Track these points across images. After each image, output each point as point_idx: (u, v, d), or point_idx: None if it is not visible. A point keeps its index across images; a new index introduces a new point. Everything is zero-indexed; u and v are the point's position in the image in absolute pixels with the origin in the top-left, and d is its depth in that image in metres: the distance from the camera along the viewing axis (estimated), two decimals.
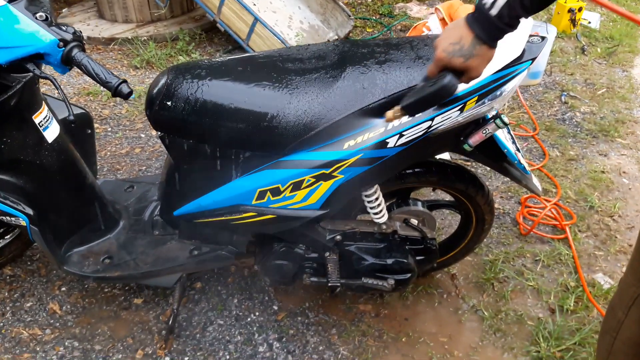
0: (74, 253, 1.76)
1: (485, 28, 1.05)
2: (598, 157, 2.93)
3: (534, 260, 2.24)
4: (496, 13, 1.02)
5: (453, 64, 1.09)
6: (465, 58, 1.07)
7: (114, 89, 1.25)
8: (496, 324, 1.96)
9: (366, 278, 1.72)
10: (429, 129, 1.39)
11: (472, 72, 1.10)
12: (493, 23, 1.04)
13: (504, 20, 1.03)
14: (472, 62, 1.08)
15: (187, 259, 1.74)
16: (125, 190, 1.99)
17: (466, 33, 1.07)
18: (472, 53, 1.07)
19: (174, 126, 1.51)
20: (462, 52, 1.07)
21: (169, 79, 1.49)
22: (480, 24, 1.05)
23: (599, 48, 4.25)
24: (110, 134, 2.96)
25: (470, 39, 1.06)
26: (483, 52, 1.08)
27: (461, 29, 1.08)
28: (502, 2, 1.02)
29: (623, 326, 1.21)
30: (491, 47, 1.08)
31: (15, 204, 1.57)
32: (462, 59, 1.08)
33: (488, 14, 1.03)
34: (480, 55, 1.08)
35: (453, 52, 1.08)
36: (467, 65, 1.08)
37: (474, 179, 1.74)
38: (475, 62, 1.08)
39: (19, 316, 1.92)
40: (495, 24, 1.04)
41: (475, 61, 1.08)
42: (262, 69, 1.49)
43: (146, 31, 4.12)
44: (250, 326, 1.92)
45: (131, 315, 1.94)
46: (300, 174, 1.46)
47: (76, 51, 1.26)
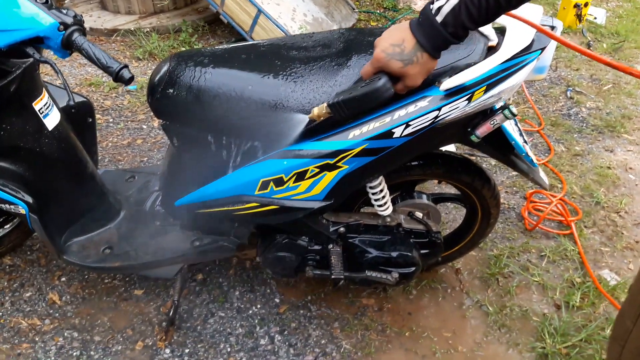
0: (73, 243, 1.74)
1: (429, 35, 0.99)
2: (604, 153, 2.90)
3: (539, 256, 2.21)
4: (441, 20, 0.97)
5: (391, 67, 1.03)
6: (405, 63, 1.02)
7: (115, 73, 1.22)
8: (501, 319, 1.93)
9: (370, 271, 1.70)
10: (436, 119, 1.36)
11: (409, 79, 1.04)
12: (437, 31, 0.98)
13: (448, 29, 0.97)
14: (411, 70, 1.02)
15: (188, 249, 1.72)
16: (126, 180, 1.97)
17: (409, 37, 1.01)
18: (412, 59, 1.01)
19: (176, 114, 1.49)
20: (401, 57, 1.01)
21: (172, 66, 1.47)
22: (424, 30, 1.00)
23: (605, 44, 4.21)
24: (112, 125, 2.94)
25: (413, 44, 1.01)
26: (424, 61, 1.02)
27: (404, 31, 1.02)
28: (447, 8, 0.96)
29: (631, 336, 1.17)
30: (433, 57, 1.02)
31: (14, 191, 1.54)
32: (401, 64, 1.02)
33: (433, 19, 0.98)
34: (421, 63, 1.02)
35: (392, 54, 1.02)
36: (405, 71, 1.03)
37: (481, 171, 1.71)
38: (414, 70, 1.03)
39: (18, 306, 1.90)
40: (440, 32, 0.98)
41: (414, 69, 1.03)
42: (265, 57, 1.46)
43: (149, 23, 4.09)
44: (252, 319, 1.90)
45: (131, 307, 1.91)
46: (304, 164, 1.43)
47: (77, 35, 1.23)
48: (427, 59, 1.01)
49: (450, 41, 0.99)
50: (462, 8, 0.94)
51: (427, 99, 1.34)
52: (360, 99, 1.08)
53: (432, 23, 0.98)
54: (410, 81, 1.04)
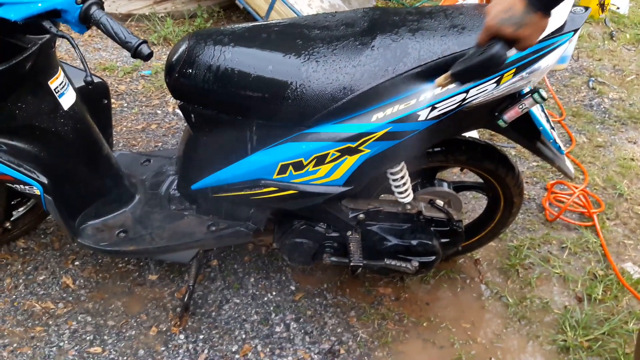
0: (88, 226, 1.72)
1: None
2: (627, 145, 2.83)
3: (560, 248, 2.16)
4: None
5: (503, 32, 1.02)
6: (516, 27, 1.00)
7: (133, 49, 1.18)
8: (521, 311, 1.89)
9: (389, 259, 1.66)
10: (463, 102, 1.31)
11: (524, 42, 1.03)
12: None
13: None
14: (524, 32, 1.01)
15: (204, 234, 1.69)
16: (141, 164, 1.94)
17: (517, 0, 0.99)
18: (523, 21, 1.00)
19: (194, 95, 1.45)
20: (512, 21, 1.00)
21: (190, 45, 1.43)
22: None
23: (628, 34, 4.11)
24: (126, 110, 2.91)
25: (522, 7, 0.99)
26: (536, 21, 1.00)
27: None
28: None
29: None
30: (545, 15, 1.00)
31: (29, 171, 1.52)
32: (513, 28, 1.00)
33: None
34: (533, 24, 1.00)
35: (503, 20, 1.01)
36: (518, 34, 1.01)
37: (504, 159, 1.66)
38: (527, 32, 1.01)
39: (32, 289, 1.88)
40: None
41: (527, 30, 1.01)
42: (287, 36, 1.42)
43: (164, 8, 4.04)
44: (267, 306, 1.87)
45: (145, 292, 1.89)
46: (324, 148, 1.39)
47: (95, 9, 1.20)
48: (540, 18, 1.00)
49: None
50: None
51: None
52: (479, 67, 1.08)
53: None
54: (525, 43, 1.04)
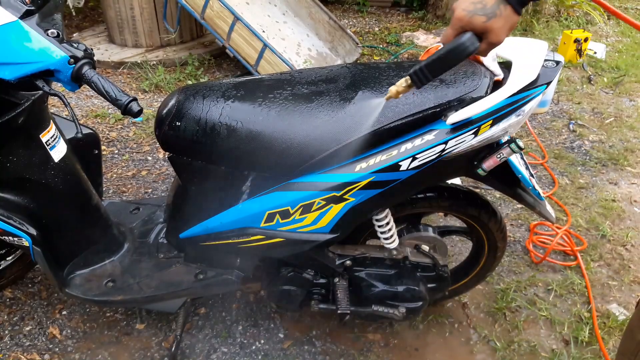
0: (76, 275, 1.72)
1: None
2: (608, 186, 2.89)
3: (546, 290, 2.18)
4: None
5: (474, 23, 1.00)
6: (488, 17, 0.99)
7: (123, 106, 1.23)
8: (509, 355, 1.89)
9: (376, 306, 1.67)
10: (443, 152, 1.36)
11: (493, 34, 1.01)
12: None
13: None
14: (495, 23, 0.99)
15: (192, 283, 1.70)
16: (131, 212, 1.96)
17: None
18: (494, 13, 0.98)
19: (183, 147, 1.49)
20: (484, 11, 0.99)
21: (179, 99, 1.48)
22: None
23: (606, 78, 4.25)
24: (117, 156, 2.95)
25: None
26: (507, 14, 0.99)
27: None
28: None
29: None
30: (516, 10, 1.00)
31: (19, 224, 1.53)
32: (484, 18, 0.99)
33: None
34: (504, 17, 0.99)
35: (475, 10, 0.99)
36: (489, 25, 0.99)
37: (487, 205, 1.70)
38: (497, 24, 0.99)
39: (18, 340, 1.87)
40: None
41: (498, 22, 0.99)
42: (272, 91, 1.47)
43: (155, 56, 4.15)
44: (256, 354, 1.86)
45: (133, 341, 1.88)
46: (310, 197, 1.43)
47: (86, 68, 1.24)
48: (510, 12, 0.99)
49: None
50: None
51: (433, 132, 1.35)
52: (445, 57, 1.03)
53: None
54: (494, 36, 1.01)
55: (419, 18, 5.53)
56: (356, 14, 5.65)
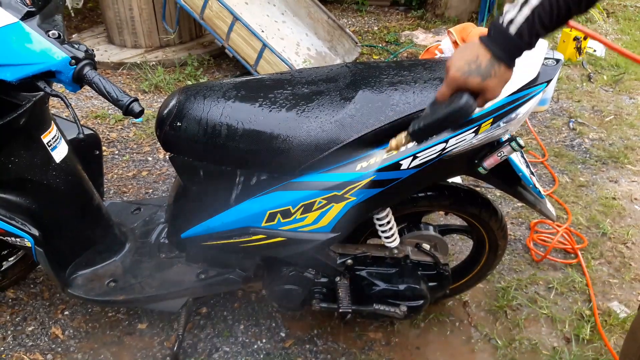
0: (78, 276, 1.73)
1: (504, 47, 1.01)
2: (608, 184, 2.90)
3: (547, 288, 2.19)
4: (515, 31, 0.99)
5: (469, 84, 1.03)
6: (483, 78, 1.02)
7: (125, 107, 1.23)
8: (510, 353, 1.90)
9: (378, 304, 1.68)
10: (443, 151, 1.36)
11: (489, 93, 1.04)
12: (512, 41, 1.00)
13: (524, 38, 0.99)
14: (490, 83, 1.03)
15: (193, 282, 1.70)
16: (132, 213, 1.96)
17: (483, 52, 1.02)
18: (490, 73, 1.01)
19: (184, 147, 1.50)
20: (479, 72, 1.02)
21: (180, 99, 1.48)
22: (498, 42, 1.01)
23: (605, 76, 4.26)
24: (118, 157, 2.95)
25: (488, 58, 1.02)
26: (501, 72, 1.03)
27: (477, 48, 1.03)
28: (521, 19, 0.98)
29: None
30: (509, 67, 1.03)
31: (21, 224, 1.54)
32: (480, 79, 1.02)
33: (507, 32, 1.00)
34: (499, 75, 1.03)
35: (470, 71, 1.02)
36: (485, 85, 1.02)
37: (488, 203, 1.70)
38: (493, 83, 1.03)
39: (20, 340, 1.87)
40: (516, 43, 1.00)
41: (493, 81, 1.03)
42: (273, 90, 1.47)
43: (155, 56, 4.15)
44: (257, 353, 1.86)
45: (135, 341, 1.89)
46: (311, 196, 1.43)
47: (88, 69, 1.25)
48: (505, 69, 1.02)
49: (525, 50, 1.02)
50: (536, 17, 0.97)
51: None
52: (444, 120, 1.06)
53: (505, 35, 1.00)
54: (490, 94, 1.04)
55: (418, 17, 5.54)
56: (355, 13, 5.65)
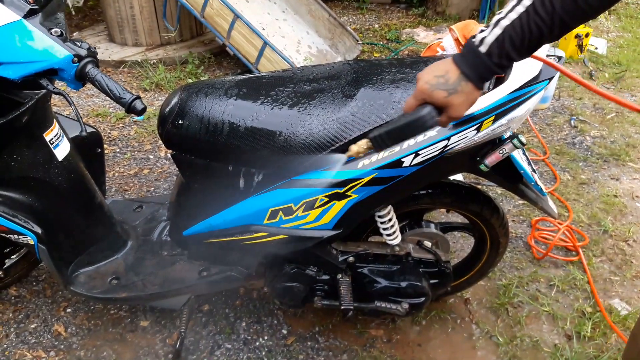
0: (81, 273, 1.73)
1: (473, 65, 1.00)
2: (610, 181, 2.90)
3: (548, 285, 2.19)
4: (485, 50, 0.98)
5: (435, 97, 1.02)
6: (449, 93, 1.01)
7: (127, 104, 1.23)
8: (511, 350, 1.90)
9: (379, 302, 1.68)
10: (445, 148, 1.37)
11: (453, 109, 1.03)
12: (482, 60, 0.99)
13: (493, 58, 0.98)
14: (455, 99, 1.02)
15: (196, 280, 1.71)
16: (134, 210, 1.96)
17: (452, 68, 1.02)
18: (456, 89, 1.01)
19: (186, 145, 1.50)
20: (446, 86, 1.01)
21: (182, 97, 1.48)
22: (468, 61, 1.00)
23: (607, 73, 4.25)
24: (119, 155, 2.96)
25: (457, 75, 1.01)
26: (468, 91, 1.01)
27: (447, 64, 1.03)
28: (491, 39, 0.97)
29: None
30: (477, 87, 1.02)
31: (24, 222, 1.54)
32: (445, 94, 1.01)
33: (477, 50, 0.99)
34: (465, 93, 1.01)
35: (437, 84, 1.02)
36: (449, 101, 1.02)
37: (489, 200, 1.71)
38: (458, 100, 1.02)
39: (23, 338, 1.88)
40: (484, 62, 0.99)
41: (459, 98, 1.02)
42: (276, 88, 1.48)
43: (156, 54, 4.15)
44: (259, 350, 1.87)
45: (137, 338, 1.89)
46: (313, 193, 1.43)
47: (90, 67, 1.25)
48: (472, 89, 1.01)
49: (494, 71, 1.00)
50: (506, 37, 0.96)
51: (436, 128, 1.35)
52: (404, 128, 1.06)
53: (476, 53, 0.99)
54: (454, 112, 1.03)
55: (419, 15, 5.53)
56: (356, 11, 5.64)
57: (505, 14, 0.97)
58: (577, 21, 0.93)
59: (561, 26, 0.94)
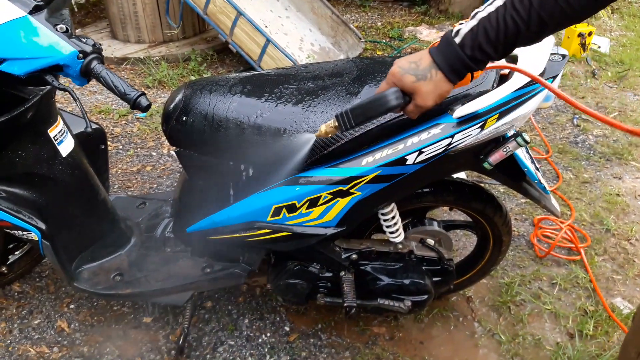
0: (84, 269, 1.73)
1: (445, 55, 0.99)
2: (612, 180, 2.89)
3: (550, 284, 2.19)
4: (459, 41, 0.97)
5: (403, 81, 1.01)
6: (417, 78, 1.00)
7: (132, 101, 1.23)
8: (514, 348, 1.90)
9: (382, 299, 1.68)
10: (449, 146, 1.37)
11: (420, 97, 1.02)
12: (454, 50, 0.98)
13: (466, 50, 0.96)
14: (423, 86, 1.00)
15: (199, 276, 1.71)
16: (137, 207, 1.97)
17: (426, 56, 1.01)
18: (425, 75, 1.00)
19: (190, 141, 1.50)
20: (416, 72, 1.00)
21: (186, 94, 1.49)
22: (441, 50, 1.00)
23: (610, 72, 4.24)
24: (122, 152, 2.96)
25: (428, 62, 1.00)
26: (437, 80, 1.00)
27: (423, 52, 1.02)
28: (465, 29, 0.97)
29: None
30: (447, 78, 1.00)
31: (28, 218, 1.55)
32: (414, 78, 1.00)
33: (452, 40, 0.98)
34: (434, 82, 1.00)
35: (408, 69, 1.01)
36: (417, 86, 1.00)
37: (492, 199, 1.71)
38: (425, 87, 1.00)
39: (27, 333, 1.88)
40: (456, 52, 0.97)
41: (426, 86, 1.00)
42: (280, 85, 1.48)
43: (158, 51, 4.15)
44: (262, 347, 1.87)
45: (140, 334, 1.90)
46: (317, 190, 1.43)
47: (95, 63, 1.25)
48: (441, 78, 1.00)
49: (467, 63, 0.98)
50: (480, 29, 0.95)
51: (440, 126, 1.35)
52: (367, 106, 1.05)
53: (449, 43, 0.98)
54: (420, 99, 1.02)
55: (421, 13, 5.52)
56: (359, 9, 5.64)
57: (484, 7, 0.96)
58: (556, 21, 0.91)
59: (539, 24, 0.92)
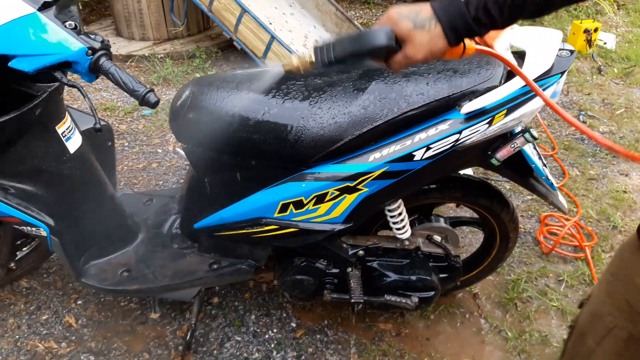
0: (92, 265, 1.74)
1: (447, 9, 0.93)
2: (619, 177, 2.88)
3: (557, 280, 2.19)
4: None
5: (399, 25, 0.94)
6: (415, 25, 0.93)
7: (141, 97, 1.24)
8: (520, 344, 1.90)
9: (389, 295, 1.69)
10: (457, 142, 1.37)
11: (411, 46, 0.94)
12: (459, 8, 0.92)
13: (470, 7, 0.91)
14: (418, 35, 0.93)
15: (206, 272, 1.71)
16: (144, 203, 1.97)
17: (427, 8, 0.95)
18: (423, 25, 0.93)
19: (197, 138, 1.51)
20: (414, 19, 0.93)
21: (193, 91, 1.49)
22: (445, 6, 0.93)
23: (616, 68, 4.22)
24: (127, 149, 2.97)
25: (430, 13, 0.94)
26: (434, 33, 0.93)
27: (424, 5, 0.96)
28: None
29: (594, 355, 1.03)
30: (445, 34, 0.93)
31: (36, 214, 1.56)
32: (411, 25, 0.93)
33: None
34: (430, 34, 0.93)
35: (406, 16, 0.94)
36: (412, 35, 0.93)
37: (499, 195, 1.71)
38: (420, 37, 0.93)
39: (35, 329, 1.90)
40: (460, 8, 0.91)
41: (422, 36, 0.93)
42: (286, 82, 1.48)
43: (163, 49, 4.16)
44: (268, 343, 1.88)
45: (147, 330, 1.90)
46: (324, 187, 1.44)
47: (104, 59, 1.26)
48: (439, 33, 0.93)
49: (468, 23, 0.92)
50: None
51: (447, 122, 1.35)
52: (353, 40, 0.95)
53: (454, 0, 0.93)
54: (411, 49, 0.94)
55: None
56: (363, 6, 5.63)
57: None
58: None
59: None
